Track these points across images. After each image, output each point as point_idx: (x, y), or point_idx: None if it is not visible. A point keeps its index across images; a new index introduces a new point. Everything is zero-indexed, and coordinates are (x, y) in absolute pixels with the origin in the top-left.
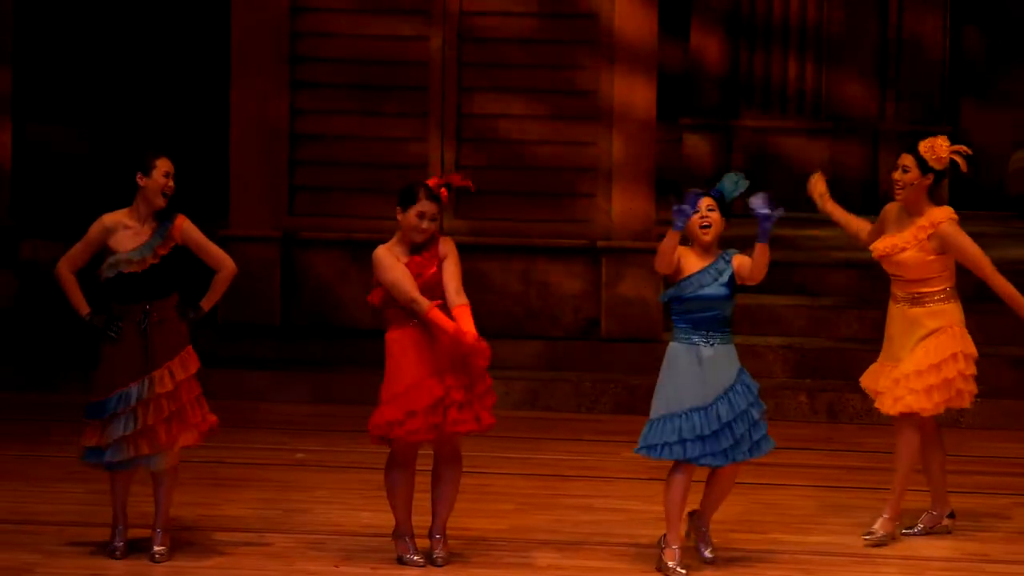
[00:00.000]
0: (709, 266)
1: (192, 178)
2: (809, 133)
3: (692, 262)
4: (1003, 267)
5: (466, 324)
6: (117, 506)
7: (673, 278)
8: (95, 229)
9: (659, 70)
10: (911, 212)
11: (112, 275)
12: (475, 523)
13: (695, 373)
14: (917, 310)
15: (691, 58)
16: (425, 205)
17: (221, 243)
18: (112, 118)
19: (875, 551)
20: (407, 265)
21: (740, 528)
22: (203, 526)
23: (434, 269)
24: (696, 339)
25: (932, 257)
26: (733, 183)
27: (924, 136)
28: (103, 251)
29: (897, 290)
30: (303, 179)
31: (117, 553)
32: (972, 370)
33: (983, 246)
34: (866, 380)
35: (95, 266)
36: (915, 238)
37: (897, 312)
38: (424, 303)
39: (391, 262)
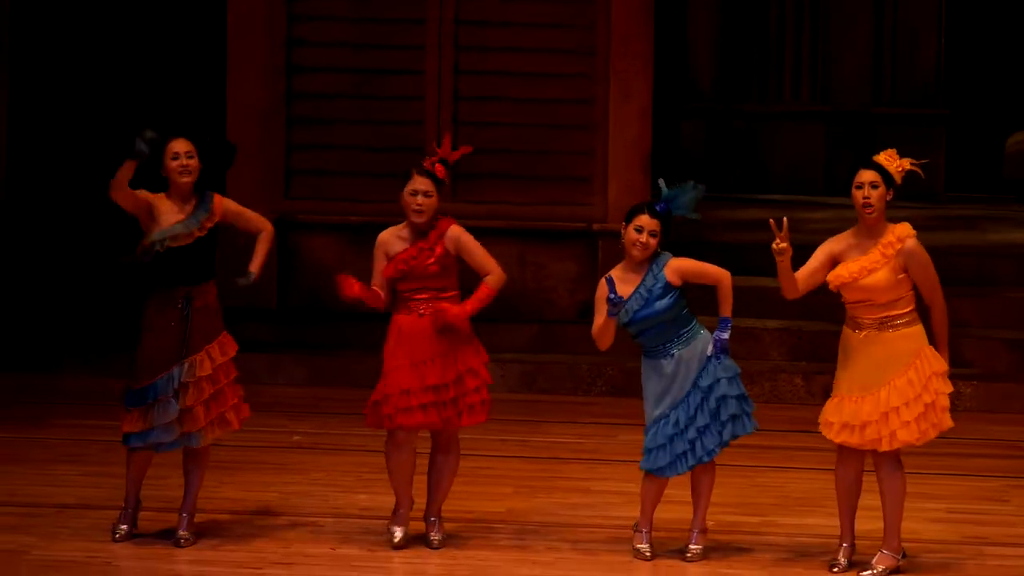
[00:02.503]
0: (639, 287)
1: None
2: (805, 117)
3: (621, 288)
4: (1002, 251)
5: (469, 303)
6: (131, 489)
7: None
8: (141, 193)
9: (655, 54)
10: (873, 233)
11: (162, 250)
12: (472, 506)
13: (658, 382)
14: (888, 334)
15: (687, 43)
16: (417, 182)
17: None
18: (108, 100)
19: (872, 535)
20: (403, 253)
21: (737, 510)
22: (200, 508)
23: (431, 262)
24: (656, 354)
25: (901, 276)
26: (691, 203)
27: (919, 121)
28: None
29: (863, 316)
30: (299, 162)
31: (118, 535)
32: (949, 387)
33: (982, 230)
34: (833, 416)
35: (134, 246)
36: (883, 256)
37: (865, 340)
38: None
39: (378, 255)
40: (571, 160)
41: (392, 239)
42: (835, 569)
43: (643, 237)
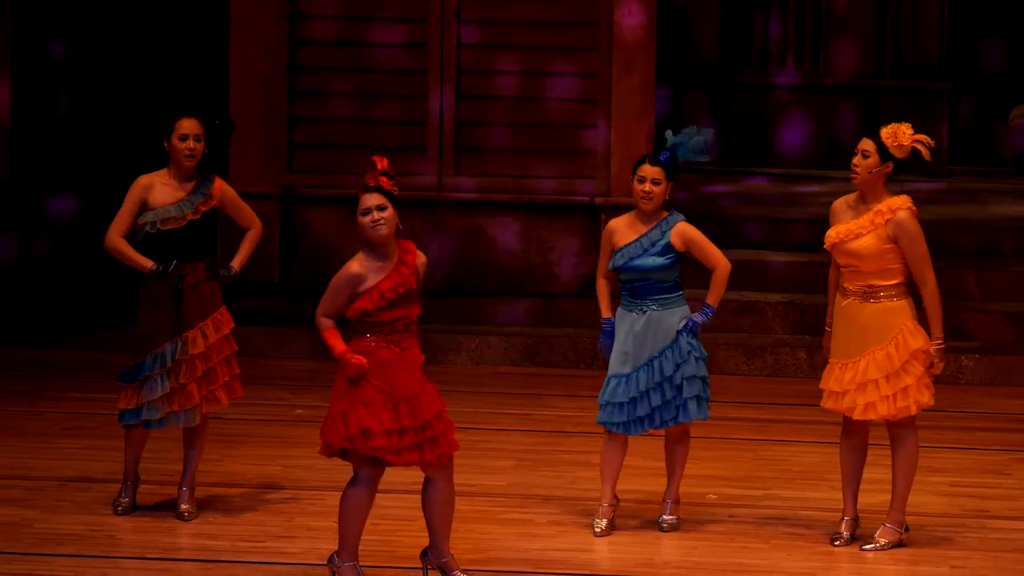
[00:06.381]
0: (642, 236)
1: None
2: (807, 90)
3: (625, 233)
4: (1004, 224)
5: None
6: (129, 463)
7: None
8: (135, 189)
9: (658, 26)
10: (867, 200)
11: (152, 231)
12: (474, 479)
13: (624, 340)
14: (870, 306)
15: (690, 14)
16: (368, 199)
17: None
18: (111, 73)
19: (876, 508)
20: (386, 282)
21: (741, 484)
22: (203, 482)
23: (413, 285)
24: (632, 307)
25: (888, 245)
26: (696, 146)
27: (921, 94)
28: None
29: (849, 283)
30: (302, 136)
31: (120, 508)
32: (925, 367)
33: (982, 203)
34: (824, 383)
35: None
36: (871, 223)
37: (848, 308)
38: (324, 324)
39: (341, 277)
40: (574, 133)
41: (362, 271)
42: (837, 543)
43: (646, 187)
